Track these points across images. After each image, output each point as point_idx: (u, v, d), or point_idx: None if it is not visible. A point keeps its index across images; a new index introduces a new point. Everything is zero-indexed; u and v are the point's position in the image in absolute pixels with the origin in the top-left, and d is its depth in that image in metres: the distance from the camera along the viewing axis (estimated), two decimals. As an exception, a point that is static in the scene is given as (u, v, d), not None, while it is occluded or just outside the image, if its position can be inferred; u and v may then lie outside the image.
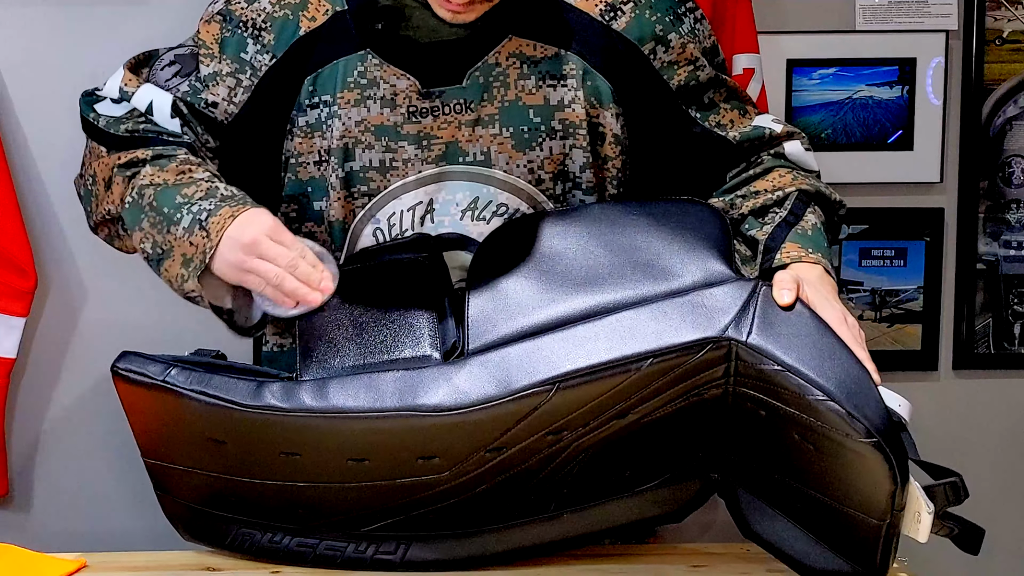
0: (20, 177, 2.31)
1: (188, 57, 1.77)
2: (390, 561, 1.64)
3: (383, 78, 1.71)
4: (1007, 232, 2.58)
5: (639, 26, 1.73)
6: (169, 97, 1.74)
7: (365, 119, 1.71)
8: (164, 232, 1.64)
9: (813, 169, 1.80)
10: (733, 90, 1.80)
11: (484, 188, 1.72)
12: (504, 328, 1.58)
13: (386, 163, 1.72)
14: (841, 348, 1.51)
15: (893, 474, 1.45)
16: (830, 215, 1.76)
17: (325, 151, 1.72)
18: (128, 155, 1.71)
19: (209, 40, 1.75)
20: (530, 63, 1.72)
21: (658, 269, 1.61)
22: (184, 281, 1.62)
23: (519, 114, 1.72)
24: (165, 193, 1.65)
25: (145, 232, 1.66)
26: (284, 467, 1.60)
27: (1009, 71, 2.54)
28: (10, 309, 2.28)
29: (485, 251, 1.66)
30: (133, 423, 1.66)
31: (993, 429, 2.62)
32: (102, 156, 1.74)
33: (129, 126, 1.73)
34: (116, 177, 1.71)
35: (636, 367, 1.52)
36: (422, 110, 1.71)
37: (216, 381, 1.59)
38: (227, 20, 1.75)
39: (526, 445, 1.56)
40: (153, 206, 1.65)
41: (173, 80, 1.76)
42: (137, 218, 1.67)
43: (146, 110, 1.75)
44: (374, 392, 1.55)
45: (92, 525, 2.39)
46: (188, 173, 1.67)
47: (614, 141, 1.75)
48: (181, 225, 1.62)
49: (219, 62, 1.74)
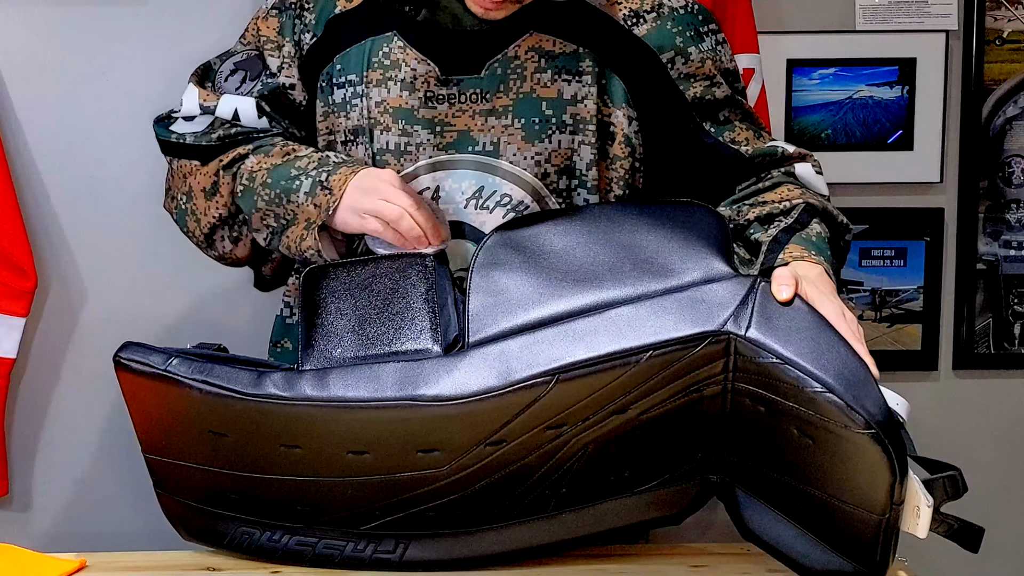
0: (20, 177, 2.32)
1: (251, 60, 1.84)
2: (389, 560, 1.64)
3: (405, 61, 1.74)
4: (1007, 232, 2.58)
5: (660, 36, 1.75)
6: (251, 100, 1.81)
7: (385, 100, 1.75)
8: (284, 203, 1.72)
9: (823, 193, 1.80)
10: (749, 113, 1.82)
11: (489, 178, 1.74)
12: (504, 322, 1.58)
13: (401, 146, 1.75)
14: (839, 342, 1.52)
15: (892, 466, 1.45)
16: (836, 237, 1.76)
17: (351, 131, 1.77)
18: (229, 155, 1.78)
19: (271, 34, 1.83)
20: (548, 57, 1.74)
21: (658, 266, 1.61)
22: (302, 241, 1.70)
23: (532, 106, 1.74)
24: (278, 170, 1.74)
25: (263, 211, 1.74)
26: (284, 461, 1.60)
27: (1009, 71, 2.55)
28: (10, 309, 2.29)
29: (487, 247, 1.66)
30: (134, 415, 1.66)
31: (993, 429, 2.62)
32: (197, 169, 1.80)
33: (220, 133, 1.80)
34: (222, 179, 1.78)
35: (636, 360, 1.53)
36: (439, 96, 1.74)
37: (218, 371, 1.60)
38: (281, 10, 1.83)
39: (526, 439, 1.56)
40: (267, 184, 1.73)
41: (244, 86, 1.82)
42: (252, 201, 1.75)
43: (232, 118, 1.81)
44: (374, 382, 1.56)
45: (92, 525, 2.40)
46: (294, 152, 1.76)
47: (624, 142, 1.76)
48: (302, 191, 1.71)
49: (289, 46, 1.81)
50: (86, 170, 2.32)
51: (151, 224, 2.23)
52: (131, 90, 2.30)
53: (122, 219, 2.33)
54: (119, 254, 2.36)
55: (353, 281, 1.66)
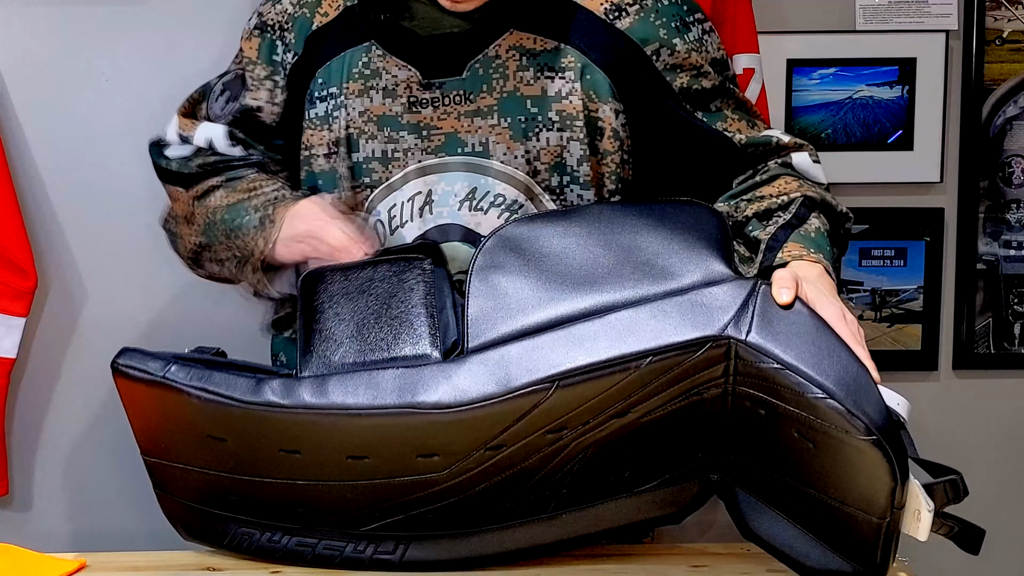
0: (20, 177, 2.32)
1: (234, 81, 1.85)
2: (389, 561, 1.64)
3: (385, 68, 1.74)
4: (1007, 232, 2.58)
5: (643, 28, 1.74)
6: (222, 128, 1.82)
7: (368, 109, 1.75)
8: (240, 237, 1.75)
9: (821, 182, 1.79)
10: (742, 103, 1.81)
11: (481, 179, 1.73)
12: (504, 327, 1.58)
13: (388, 153, 1.74)
14: (840, 346, 1.51)
15: (893, 471, 1.45)
16: (836, 226, 1.76)
17: (334, 143, 1.77)
18: (203, 186, 1.81)
19: (252, 55, 1.83)
20: (529, 55, 1.73)
21: (658, 269, 1.61)
22: (253, 274, 1.75)
23: (517, 104, 1.73)
24: (233, 207, 1.78)
25: (224, 244, 1.78)
26: (284, 465, 1.60)
27: (1009, 71, 2.55)
28: (10, 309, 2.29)
29: (486, 249, 1.66)
30: (133, 420, 1.66)
31: (993, 429, 2.62)
32: (180, 196, 1.83)
33: (199, 161, 1.83)
34: (196, 209, 1.81)
35: (636, 365, 1.53)
36: (422, 101, 1.73)
37: (216, 377, 1.59)
38: (262, 30, 1.83)
39: (526, 443, 1.56)
40: (224, 220, 1.77)
41: (228, 107, 1.84)
42: (215, 236, 1.78)
43: (208, 146, 1.83)
44: (373, 389, 1.56)
45: (92, 525, 2.40)
46: (257, 188, 1.79)
47: (613, 136, 1.75)
48: (251, 224, 1.74)
49: (260, 68, 1.82)
50: (86, 170, 2.33)
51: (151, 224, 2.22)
52: (131, 91, 2.30)
53: (122, 219, 2.33)
54: (119, 254, 2.36)
55: (351, 285, 1.65)
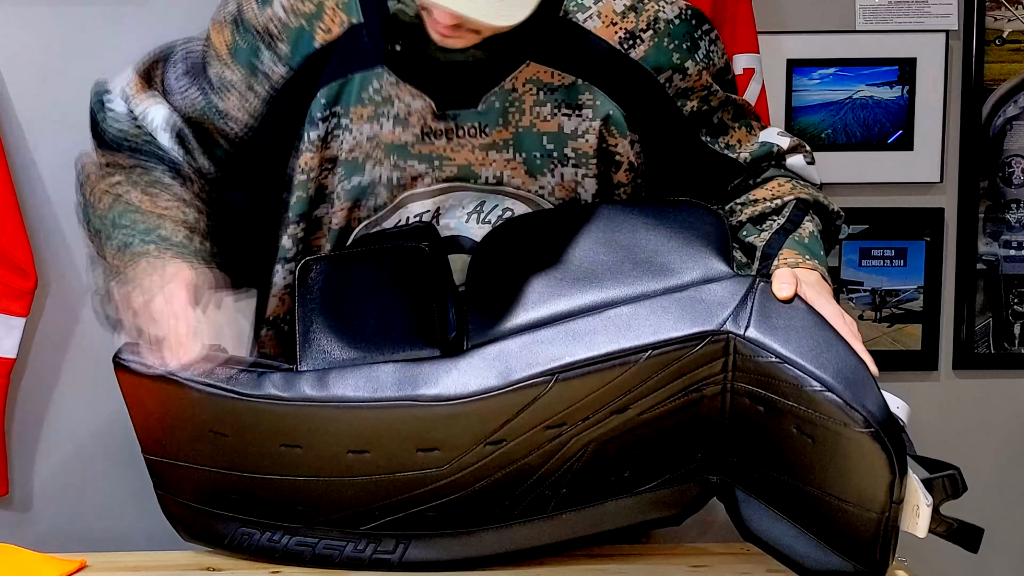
0: (20, 177, 2.32)
1: (197, 62, 1.74)
2: (388, 561, 1.64)
3: (398, 96, 1.66)
4: (1007, 232, 2.59)
5: (657, 55, 1.70)
6: (172, 120, 1.72)
7: (377, 135, 1.67)
8: (103, 242, 1.68)
9: (814, 183, 1.79)
10: (740, 107, 1.79)
11: (490, 195, 1.70)
12: (504, 323, 1.58)
13: (394, 180, 1.69)
14: (838, 341, 1.52)
15: (891, 464, 1.45)
16: (827, 224, 1.76)
17: (330, 160, 1.69)
18: (111, 156, 1.73)
19: (220, 46, 1.71)
20: (547, 90, 1.68)
21: (657, 266, 1.61)
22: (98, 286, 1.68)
23: (533, 140, 1.68)
24: (122, 211, 1.68)
25: (93, 233, 1.71)
26: (284, 460, 1.60)
27: (1009, 71, 2.55)
28: (10, 309, 2.29)
29: (485, 247, 1.66)
30: (134, 416, 1.66)
31: (993, 429, 2.62)
32: (93, 151, 1.77)
33: (122, 126, 1.74)
34: (93, 174, 1.74)
35: (635, 359, 1.53)
36: (436, 131, 1.67)
37: (217, 371, 1.59)
38: (239, 26, 1.70)
39: (526, 438, 1.56)
40: (107, 216, 1.69)
41: (182, 83, 1.73)
42: (91, 220, 1.72)
43: (148, 120, 1.73)
44: (374, 382, 1.56)
45: (92, 525, 2.40)
46: (152, 198, 1.68)
47: (629, 168, 1.72)
48: (114, 243, 1.66)
49: (231, 71, 1.70)
50: (86, 170, 2.32)
51: (151, 224, 2.23)
52: (131, 90, 2.30)
53: (122, 219, 2.33)
54: (119, 254, 2.35)
55: (350, 275, 1.64)
